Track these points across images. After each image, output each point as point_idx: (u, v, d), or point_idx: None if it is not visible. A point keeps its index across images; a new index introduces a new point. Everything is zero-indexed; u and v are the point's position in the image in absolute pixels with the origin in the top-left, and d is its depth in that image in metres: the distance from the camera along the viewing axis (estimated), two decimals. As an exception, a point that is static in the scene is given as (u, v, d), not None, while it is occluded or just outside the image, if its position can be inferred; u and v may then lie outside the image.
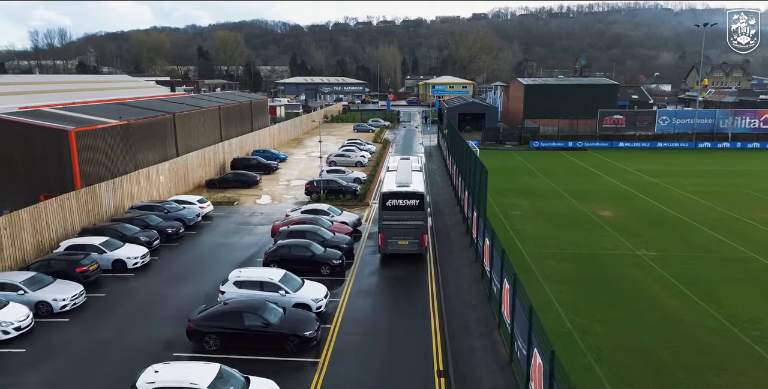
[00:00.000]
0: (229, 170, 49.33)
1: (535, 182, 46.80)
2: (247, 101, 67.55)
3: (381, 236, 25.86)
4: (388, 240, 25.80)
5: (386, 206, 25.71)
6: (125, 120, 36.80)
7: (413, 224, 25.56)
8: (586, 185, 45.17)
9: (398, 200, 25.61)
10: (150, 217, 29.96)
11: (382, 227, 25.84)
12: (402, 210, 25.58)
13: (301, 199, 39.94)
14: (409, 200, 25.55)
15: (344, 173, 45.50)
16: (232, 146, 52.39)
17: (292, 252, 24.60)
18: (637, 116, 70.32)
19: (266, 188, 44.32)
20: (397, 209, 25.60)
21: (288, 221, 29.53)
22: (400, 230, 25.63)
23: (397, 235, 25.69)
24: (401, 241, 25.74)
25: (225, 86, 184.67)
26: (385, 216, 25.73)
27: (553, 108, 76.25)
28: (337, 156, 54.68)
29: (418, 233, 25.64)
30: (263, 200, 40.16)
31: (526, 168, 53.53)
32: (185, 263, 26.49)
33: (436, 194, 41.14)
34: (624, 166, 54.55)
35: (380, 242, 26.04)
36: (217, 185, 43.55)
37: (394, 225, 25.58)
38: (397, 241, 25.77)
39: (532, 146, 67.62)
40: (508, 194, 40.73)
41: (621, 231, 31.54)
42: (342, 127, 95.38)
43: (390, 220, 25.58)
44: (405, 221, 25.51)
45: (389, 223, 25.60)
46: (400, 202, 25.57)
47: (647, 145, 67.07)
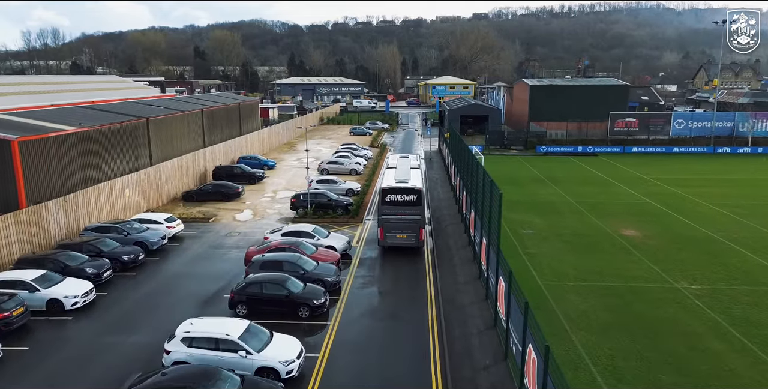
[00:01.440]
0: (211, 179, 45.13)
1: (546, 192, 42.56)
2: (235, 103, 63.24)
3: (380, 230, 26.95)
4: (386, 234, 26.90)
5: (385, 200, 26.71)
6: (85, 127, 32.54)
7: (411, 219, 26.66)
8: (602, 197, 40.92)
9: (397, 195, 26.62)
10: (104, 241, 25.68)
11: (381, 221, 26.88)
12: (400, 205, 26.59)
13: (287, 214, 35.69)
14: (407, 196, 26.58)
15: (336, 183, 41.27)
16: (215, 152, 48.15)
17: (265, 290, 20.34)
18: (651, 119, 66.03)
19: (249, 200, 40.06)
20: (396, 204, 26.60)
21: (264, 246, 25.29)
22: (399, 224, 26.71)
23: (396, 229, 26.78)
24: (399, 234, 26.88)
25: (220, 87, 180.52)
26: (384, 211, 26.71)
27: (560, 110, 72.10)
28: (330, 164, 50.40)
29: (416, 227, 26.80)
30: (244, 215, 35.90)
31: (535, 176, 49.28)
32: (138, 301, 22.21)
33: (437, 207, 36.87)
34: (640, 174, 50.29)
35: (379, 236, 27.15)
36: (194, 198, 39.27)
37: (392, 219, 26.65)
38: (396, 234, 26.89)
39: (539, 151, 63.38)
40: (518, 208, 36.44)
41: (651, 256, 27.30)
42: (338, 129, 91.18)
43: (389, 214, 26.62)
44: (403, 215, 26.59)
45: (388, 217, 26.67)
46: (398, 197, 26.60)
47: (662, 150, 62.77)
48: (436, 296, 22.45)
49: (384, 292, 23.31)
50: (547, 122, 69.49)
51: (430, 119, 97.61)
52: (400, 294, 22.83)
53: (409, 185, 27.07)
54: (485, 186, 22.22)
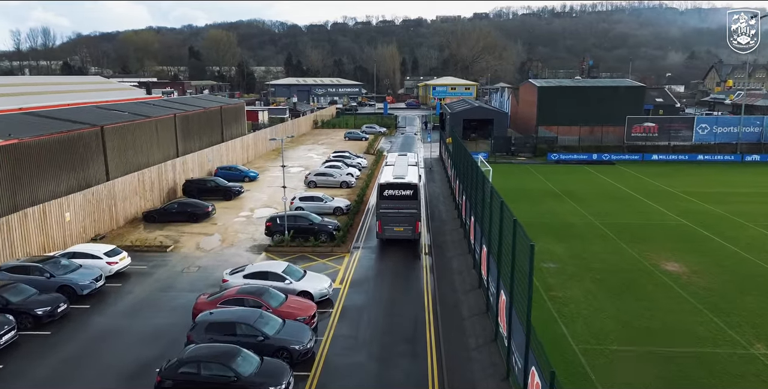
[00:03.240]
0: (182, 195, 39.63)
1: (564, 210, 37.07)
2: (215, 106, 57.60)
3: (378, 223, 27.96)
4: (384, 227, 27.90)
5: (383, 195, 27.69)
6: (15, 138, 27.00)
7: (408, 213, 27.62)
8: (629, 216, 35.41)
9: (394, 190, 27.63)
10: (16, 288, 20.12)
11: (380, 215, 27.89)
12: (398, 200, 27.55)
13: (261, 240, 30.14)
14: (404, 191, 27.61)
15: (322, 200, 35.73)
16: (188, 163, 42.61)
17: (204, 371, 14.83)
18: (672, 124, 60.46)
19: (221, 220, 34.52)
20: (394, 199, 27.57)
21: (218, 297, 19.74)
22: (396, 217, 27.66)
23: (393, 222, 27.73)
24: (397, 228, 27.82)
25: (214, 88, 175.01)
26: (383, 205, 27.67)
27: (571, 113, 66.71)
28: (318, 175, 44.84)
29: (412, 220, 27.79)
30: (210, 241, 30.33)
31: (548, 190, 43.76)
32: (38, 378, 16.63)
33: (438, 231, 31.34)
34: (666, 186, 44.77)
35: (378, 229, 28.14)
36: (156, 219, 33.72)
37: (390, 213, 27.63)
38: (393, 228, 27.84)
39: (550, 159, 57.85)
40: (535, 231, 30.78)
41: (706, 302, 21.82)
42: (333, 133, 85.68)
43: (387, 208, 27.59)
44: (400, 209, 27.53)
45: (386, 211, 27.65)
46: (396, 192, 27.61)
47: (685, 157, 57.20)
48: (440, 372, 16.89)
49: (372, 361, 17.76)
50: (557, 126, 63.98)
51: (430, 123, 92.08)
52: (393, 367, 17.30)
53: (406, 180, 28.18)
54: (504, 225, 16.79)
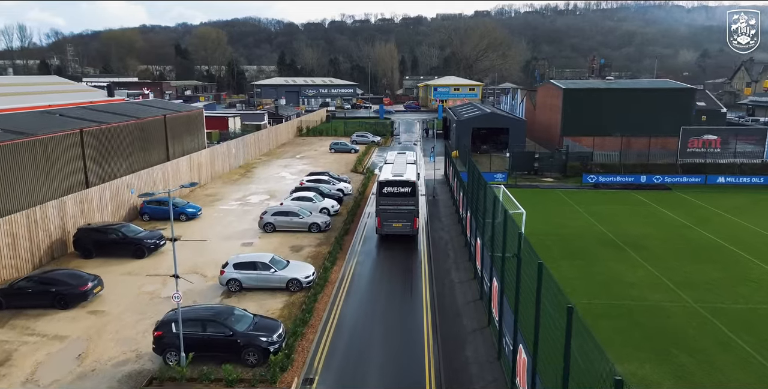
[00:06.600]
0: (72, 250, 27.10)
1: (635, 277, 24.48)
2: (159, 115, 44.84)
3: (378, 219, 28.86)
4: (383, 223, 28.86)
5: (382, 192, 28.63)
6: None
7: (406, 209, 28.64)
8: (741, 296, 22.82)
9: (393, 187, 28.65)
10: None
11: (379, 211, 28.78)
12: (396, 196, 28.56)
13: (145, 360, 17.56)
14: (402, 188, 28.65)
15: (269, 269, 23.00)
16: (94, 200, 30.03)
17: None
18: (739, 136, 47.91)
19: (108, 303, 21.91)
20: (392, 196, 28.58)
21: None
22: (395, 213, 28.63)
23: (392, 218, 28.70)
24: (395, 223, 28.79)
25: (198, 88, 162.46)
26: (382, 202, 28.60)
27: (604, 122, 54.58)
28: (277, 215, 31.95)
29: (411, 216, 28.71)
30: (59, 361, 17.72)
31: (599, 234, 31.21)
32: None
33: (447, 317, 18.83)
34: (759, 228, 32.25)
35: (377, 224, 29.06)
36: (2, 305, 21.22)
37: (389, 209, 28.67)
38: (392, 223, 28.80)
39: (586, 182, 45.31)
40: (604, 329, 18.29)
41: None
42: (318, 143, 73.06)
43: (386, 205, 28.59)
44: (399, 205, 28.57)
45: (385, 207, 28.67)
46: (394, 189, 28.64)
47: (761, 181, 44.59)
48: None
49: None
50: (590, 137, 51.48)
51: (432, 129, 78.90)
52: None
53: (405, 178, 29.04)
54: None
